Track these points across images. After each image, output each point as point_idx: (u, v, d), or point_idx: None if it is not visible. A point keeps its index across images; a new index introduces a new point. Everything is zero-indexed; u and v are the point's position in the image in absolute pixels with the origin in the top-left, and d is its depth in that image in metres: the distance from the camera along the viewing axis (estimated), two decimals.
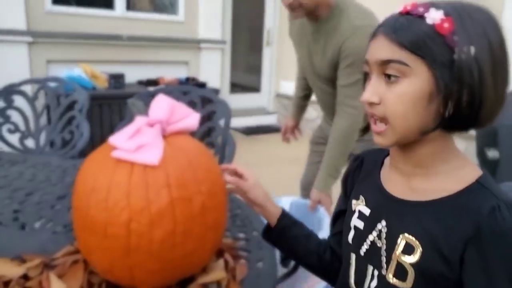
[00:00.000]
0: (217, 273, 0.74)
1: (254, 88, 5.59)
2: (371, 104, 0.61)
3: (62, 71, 3.62)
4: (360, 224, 0.69)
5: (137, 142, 0.64)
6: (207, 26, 4.73)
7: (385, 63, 0.59)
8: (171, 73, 4.37)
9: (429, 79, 0.58)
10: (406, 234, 0.61)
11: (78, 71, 3.61)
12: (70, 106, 1.98)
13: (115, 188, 0.62)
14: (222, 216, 0.71)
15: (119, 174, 0.63)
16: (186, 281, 0.72)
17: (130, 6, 4.28)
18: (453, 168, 0.62)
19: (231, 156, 1.79)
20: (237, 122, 5.10)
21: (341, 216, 0.79)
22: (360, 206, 0.71)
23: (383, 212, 0.66)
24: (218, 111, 1.91)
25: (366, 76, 0.65)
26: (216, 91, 4.18)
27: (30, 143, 1.99)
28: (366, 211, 0.69)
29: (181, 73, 4.56)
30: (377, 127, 0.62)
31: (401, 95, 0.59)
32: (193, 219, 0.65)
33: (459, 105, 0.57)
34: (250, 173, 0.81)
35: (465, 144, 3.02)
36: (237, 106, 5.23)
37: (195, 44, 4.69)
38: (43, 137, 1.99)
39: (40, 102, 2.04)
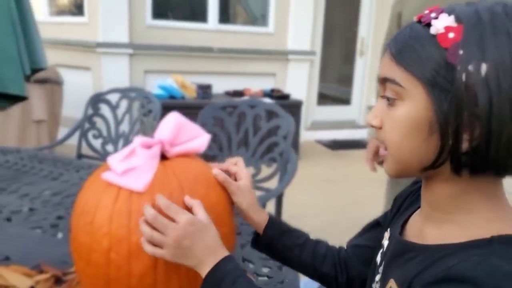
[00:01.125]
0: None
1: (345, 100, 5.39)
2: (375, 128, 0.53)
3: (157, 81, 3.90)
4: (378, 260, 0.61)
5: (127, 165, 0.60)
6: (296, 37, 4.70)
7: (383, 81, 0.51)
8: (258, 84, 4.42)
9: (428, 104, 0.46)
10: (392, 280, 0.52)
11: (170, 81, 3.85)
12: (145, 115, 2.09)
13: (100, 212, 0.59)
14: None
15: (105, 197, 0.60)
16: None
17: (222, 19, 4.45)
18: (477, 219, 0.48)
19: (292, 173, 1.70)
20: (323, 135, 4.95)
21: (375, 228, 0.71)
22: (385, 241, 0.62)
23: (387, 253, 0.58)
24: (282, 126, 1.84)
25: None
26: (299, 103, 4.11)
27: (110, 148, 2.15)
28: (385, 249, 0.60)
29: (268, 84, 4.59)
30: (382, 150, 0.54)
31: (396, 121, 0.49)
32: None
33: (460, 142, 0.45)
34: (246, 174, 0.72)
35: None
36: (324, 118, 5.08)
37: (283, 55, 4.69)
38: (120, 144, 2.13)
39: (121, 111, 2.20)
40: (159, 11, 4.16)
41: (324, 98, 5.23)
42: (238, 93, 4.12)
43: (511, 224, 0.47)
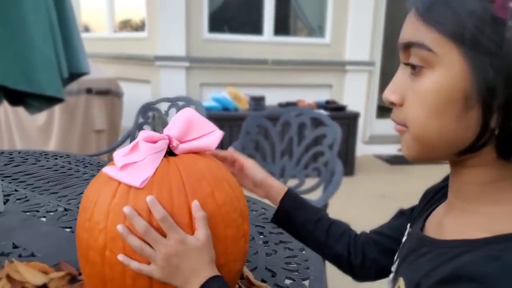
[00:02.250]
0: None
1: None
2: (393, 104, 0.45)
3: (212, 93, 3.98)
4: (395, 258, 0.55)
5: (128, 159, 0.57)
6: (354, 47, 4.57)
7: (407, 46, 0.42)
8: (313, 96, 4.33)
9: (465, 73, 0.37)
10: (401, 279, 0.45)
11: (224, 94, 3.90)
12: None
13: (98, 207, 0.56)
14: (223, 257, 0.57)
15: (105, 192, 0.57)
16: None
17: (278, 31, 4.46)
18: (506, 212, 0.39)
19: (337, 184, 1.59)
20: (382, 149, 4.72)
21: (398, 219, 0.67)
22: (404, 237, 0.56)
23: (403, 250, 0.51)
24: (328, 135, 1.74)
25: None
26: (355, 115, 3.95)
27: None
28: (402, 246, 0.55)
29: (323, 96, 4.49)
30: (396, 125, 0.46)
31: (423, 94, 0.40)
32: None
33: (511, 116, 0.36)
34: (247, 158, 0.71)
35: None
36: (383, 132, 4.84)
37: (340, 66, 4.57)
38: None
39: (170, 118, 2.23)
40: (215, 25, 4.26)
41: (384, 111, 5.00)
42: (291, 105, 4.07)
43: None
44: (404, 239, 0.55)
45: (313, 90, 4.55)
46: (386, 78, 5.00)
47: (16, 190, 1.24)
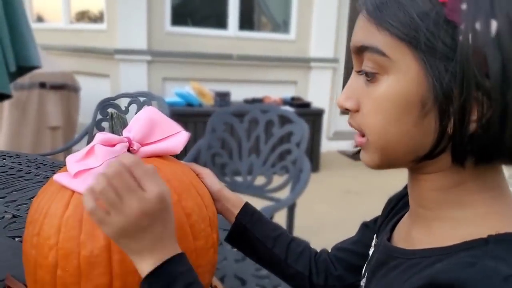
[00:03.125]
0: None
1: None
2: (348, 110, 0.42)
3: (175, 88, 3.87)
4: (363, 272, 0.53)
5: (82, 165, 0.51)
6: (319, 44, 4.59)
7: (360, 50, 0.40)
8: (278, 92, 4.32)
9: (420, 78, 0.36)
10: None
11: (188, 89, 3.81)
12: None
13: (48, 220, 0.49)
14: (194, 266, 0.52)
15: (56, 202, 0.50)
16: None
17: (243, 26, 4.40)
18: (471, 215, 0.38)
19: (305, 182, 1.58)
20: (346, 145, 4.80)
21: (362, 232, 0.63)
22: (371, 249, 0.54)
23: (371, 262, 0.49)
24: (296, 132, 1.72)
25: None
26: (320, 111, 3.98)
27: None
28: (369, 259, 0.52)
29: (288, 92, 4.49)
30: (356, 137, 0.44)
31: (379, 101, 0.39)
32: (137, 272, 0.48)
33: (466, 122, 0.35)
34: (203, 168, 0.66)
35: None
36: (347, 128, 4.90)
37: (305, 63, 4.59)
38: None
39: (131, 115, 2.14)
40: (179, 18, 4.14)
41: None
42: (257, 101, 4.04)
43: (510, 219, 0.38)
44: (371, 251, 0.53)
45: (279, 86, 4.54)
46: (350, 75, 5.09)
47: None
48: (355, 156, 0.51)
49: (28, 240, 0.51)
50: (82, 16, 4.59)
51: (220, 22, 4.34)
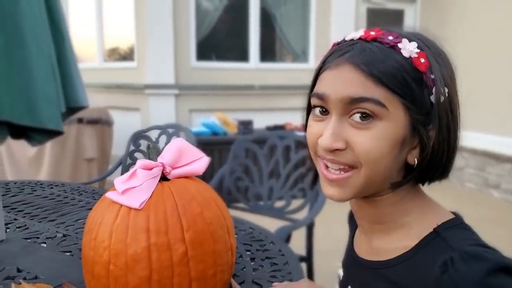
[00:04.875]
0: None
1: None
2: (336, 151, 0.50)
3: (201, 119, 4.08)
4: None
5: (127, 185, 0.65)
6: None
7: (356, 101, 0.48)
8: (299, 119, 4.46)
9: (405, 123, 0.48)
10: None
11: (213, 119, 4.01)
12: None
13: (102, 228, 0.64)
14: (212, 269, 0.65)
15: (108, 214, 0.65)
16: None
17: (264, 58, 4.62)
18: (414, 219, 0.52)
19: (322, 203, 1.68)
20: None
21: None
22: (339, 269, 0.65)
23: (350, 276, 0.60)
24: None
25: (310, 109, 0.55)
26: None
27: None
28: (341, 274, 0.63)
29: None
30: (336, 174, 0.51)
31: (375, 139, 0.48)
32: (171, 268, 0.62)
33: (432, 153, 0.49)
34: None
35: None
36: None
37: None
38: None
39: (161, 145, 2.32)
40: (203, 53, 4.41)
41: None
42: (279, 128, 4.19)
43: (439, 210, 0.52)
44: (339, 272, 0.64)
45: (299, 113, 4.67)
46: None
47: (15, 219, 1.30)
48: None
49: (86, 244, 0.66)
50: (113, 52, 4.94)
51: (241, 55, 4.58)
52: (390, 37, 0.48)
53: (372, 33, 0.50)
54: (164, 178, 0.72)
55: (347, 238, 0.71)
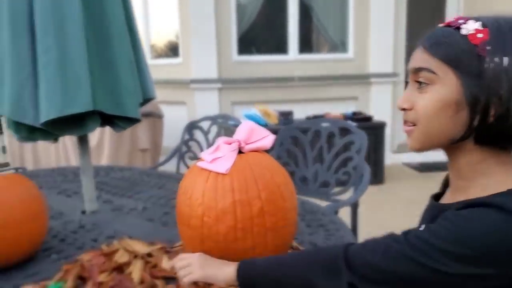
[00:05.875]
0: None
1: None
2: (404, 109, 0.65)
3: (242, 111, 4.26)
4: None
5: (214, 156, 0.82)
6: (377, 60, 4.76)
7: (417, 71, 0.62)
8: (339, 109, 4.54)
9: (457, 88, 0.59)
10: None
11: (254, 110, 4.17)
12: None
13: (196, 189, 0.81)
14: (282, 221, 0.81)
15: (199, 179, 0.82)
16: None
17: (303, 49, 4.72)
18: (496, 182, 0.60)
19: (366, 184, 1.80)
20: (411, 157, 4.84)
21: None
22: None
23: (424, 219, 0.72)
24: (355, 141, 1.96)
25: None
26: (381, 124, 4.12)
27: None
28: None
29: (349, 108, 4.68)
30: (406, 127, 0.66)
31: (428, 101, 0.61)
32: (251, 219, 0.78)
33: (487, 117, 0.57)
34: None
35: None
36: None
37: (364, 79, 4.77)
38: None
39: (212, 135, 2.52)
40: (244, 47, 4.58)
41: None
42: (319, 118, 4.28)
43: None
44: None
45: (339, 103, 4.76)
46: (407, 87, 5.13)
47: (100, 195, 1.53)
48: (421, 167, 0.74)
49: (182, 203, 0.84)
50: (160, 50, 5.21)
51: (281, 47, 4.70)
52: (460, 21, 0.60)
53: (450, 20, 0.63)
54: (239, 151, 0.88)
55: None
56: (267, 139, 0.89)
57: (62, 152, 3.75)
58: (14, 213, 0.93)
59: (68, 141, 3.63)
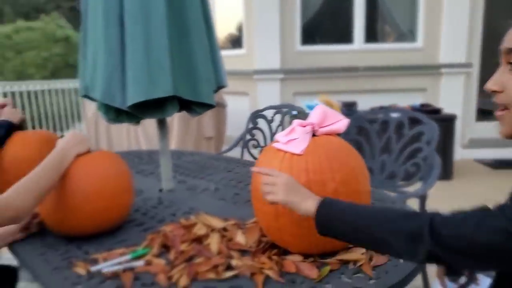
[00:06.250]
0: (356, 254, 0.87)
1: None
2: (494, 92, 0.63)
3: (304, 101, 4.26)
4: None
5: (289, 138, 0.86)
6: (449, 50, 4.51)
7: (510, 51, 0.61)
8: (406, 100, 4.37)
9: None
10: None
11: (316, 101, 4.15)
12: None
13: (272, 167, 0.86)
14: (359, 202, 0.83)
15: (275, 159, 0.87)
16: (327, 255, 0.88)
17: (368, 38, 4.60)
18: None
19: (435, 176, 1.74)
20: (483, 153, 4.54)
21: None
22: None
23: None
24: (426, 132, 1.89)
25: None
26: (451, 117, 3.91)
27: None
28: None
29: (417, 99, 4.49)
30: (497, 112, 0.64)
31: None
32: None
33: None
34: None
35: None
36: (484, 136, 4.66)
37: (434, 70, 4.54)
38: None
39: (275, 124, 2.55)
40: (307, 37, 4.56)
41: (485, 114, 4.79)
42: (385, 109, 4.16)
43: None
44: None
45: (406, 94, 4.58)
46: (485, 79, 4.79)
47: (175, 176, 1.63)
48: (495, 164, 0.73)
49: (258, 181, 0.89)
50: (224, 42, 5.35)
51: (345, 37, 4.61)
52: None
53: None
54: (313, 135, 0.91)
55: None
56: (341, 123, 0.91)
57: (133, 138, 4.02)
58: (109, 185, 1.04)
59: (138, 128, 3.88)
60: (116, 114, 1.33)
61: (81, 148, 1.04)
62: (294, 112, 2.59)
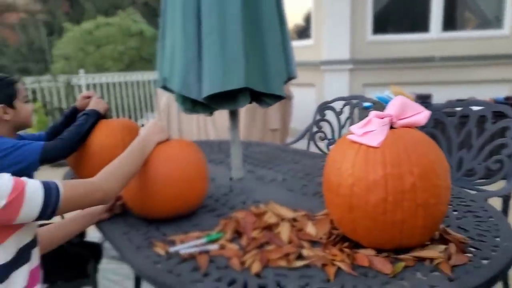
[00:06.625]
0: (433, 252, 0.83)
1: None
2: None
3: (375, 93, 4.11)
4: None
5: (365, 129, 0.84)
6: None
7: None
8: (488, 93, 4.04)
9: None
10: None
11: (387, 93, 3.99)
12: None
13: (346, 160, 0.84)
14: (434, 198, 0.79)
15: (349, 151, 0.85)
16: (401, 252, 0.85)
17: (447, 26, 4.30)
18: None
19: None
20: None
21: None
22: None
23: None
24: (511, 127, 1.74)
25: None
26: None
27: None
28: None
29: (500, 92, 4.13)
30: None
31: None
32: (402, 193, 0.78)
33: None
34: None
35: None
36: None
37: None
38: None
39: (344, 116, 2.50)
40: (379, 26, 4.37)
41: None
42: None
43: None
44: None
45: (487, 86, 4.23)
46: None
47: (243, 166, 1.67)
48: None
49: (331, 173, 0.88)
50: (291, 33, 5.31)
51: (420, 25, 4.35)
52: None
53: None
54: (391, 127, 0.88)
55: None
56: (422, 115, 0.87)
57: (202, 128, 4.17)
58: (187, 172, 1.10)
59: (208, 118, 4.01)
60: (192, 104, 1.39)
61: (162, 136, 1.11)
62: (367, 104, 2.51)
